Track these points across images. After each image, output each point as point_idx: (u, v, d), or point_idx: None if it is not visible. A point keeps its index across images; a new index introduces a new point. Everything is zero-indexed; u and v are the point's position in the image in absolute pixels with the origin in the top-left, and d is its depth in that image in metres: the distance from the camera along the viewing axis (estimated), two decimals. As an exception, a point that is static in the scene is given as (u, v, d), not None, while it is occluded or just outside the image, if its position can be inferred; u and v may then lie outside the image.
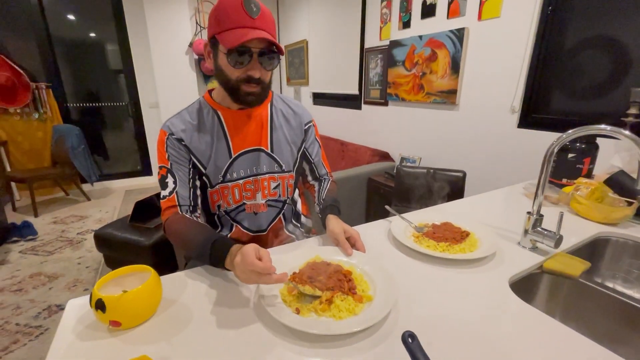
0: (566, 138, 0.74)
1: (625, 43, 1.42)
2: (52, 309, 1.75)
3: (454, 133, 2.21)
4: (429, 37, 2.21)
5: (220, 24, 0.74)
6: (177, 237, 0.78)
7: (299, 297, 0.61)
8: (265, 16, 0.75)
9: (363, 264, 0.72)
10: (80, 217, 3.04)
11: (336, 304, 0.58)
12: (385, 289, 0.62)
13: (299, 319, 0.55)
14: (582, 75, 1.58)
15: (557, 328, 0.56)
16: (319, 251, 0.77)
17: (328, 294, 0.59)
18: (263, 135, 0.88)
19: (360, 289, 0.63)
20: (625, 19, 1.41)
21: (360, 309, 0.58)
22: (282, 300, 0.60)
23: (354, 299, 0.59)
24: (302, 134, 0.96)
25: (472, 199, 1.25)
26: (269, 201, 0.91)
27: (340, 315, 0.56)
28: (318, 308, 0.57)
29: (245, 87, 0.78)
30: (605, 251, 0.93)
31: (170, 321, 0.57)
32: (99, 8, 3.61)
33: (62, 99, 3.59)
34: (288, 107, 0.96)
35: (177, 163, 0.83)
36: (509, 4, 1.75)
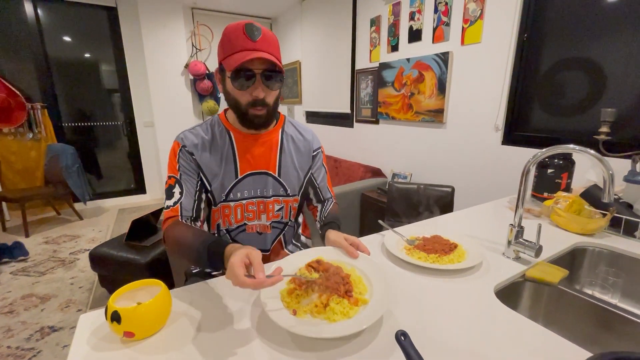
0: (540, 156, 0.82)
1: (596, 64, 1.54)
2: (44, 331, 1.73)
3: (442, 150, 2.31)
4: (416, 60, 2.33)
5: (224, 50, 0.79)
6: (175, 244, 0.77)
7: (297, 299, 0.64)
8: (267, 39, 0.78)
9: (364, 267, 0.74)
10: (72, 237, 3.01)
11: (331, 307, 0.60)
12: (380, 294, 0.64)
13: (294, 320, 0.58)
14: (559, 95, 1.70)
15: (540, 332, 0.61)
16: (322, 253, 0.80)
17: (324, 298, 0.62)
18: (272, 159, 0.91)
19: (358, 292, 0.65)
20: (593, 43, 1.54)
21: (355, 312, 0.60)
22: (281, 301, 0.63)
23: (350, 302, 0.62)
24: (310, 160, 0.98)
25: (460, 212, 1.31)
26: (273, 223, 0.94)
27: (334, 318, 0.58)
28: (314, 310, 0.61)
29: (252, 110, 0.81)
30: (583, 260, 1.00)
31: (180, 331, 0.60)
32: (97, 29, 3.70)
33: (57, 118, 3.61)
34: (299, 132, 0.98)
35: (186, 174, 0.85)
36: (489, 31, 1.89)
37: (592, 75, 1.56)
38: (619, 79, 1.47)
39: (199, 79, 3.92)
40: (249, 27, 0.76)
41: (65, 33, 3.59)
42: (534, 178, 1.37)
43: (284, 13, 4.24)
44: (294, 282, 0.67)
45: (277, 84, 0.82)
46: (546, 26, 1.69)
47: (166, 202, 0.84)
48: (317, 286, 0.65)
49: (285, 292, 0.66)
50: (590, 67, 1.57)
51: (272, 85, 0.81)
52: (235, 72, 0.77)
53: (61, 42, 3.58)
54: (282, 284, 0.69)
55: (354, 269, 0.74)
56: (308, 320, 0.60)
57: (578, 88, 1.62)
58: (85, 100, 3.84)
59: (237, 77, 0.78)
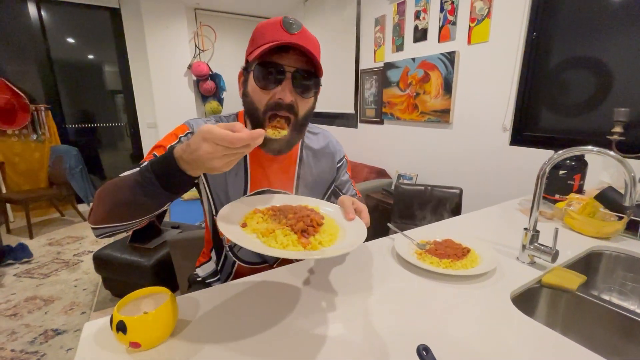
0: (557, 158, 0.79)
1: (606, 63, 1.51)
2: (48, 334, 1.72)
3: (448, 151, 2.28)
4: (422, 60, 2.31)
5: (254, 43, 0.65)
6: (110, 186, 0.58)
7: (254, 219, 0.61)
8: (307, 35, 0.64)
9: (350, 228, 0.65)
10: (76, 238, 3.01)
11: (275, 234, 0.56)
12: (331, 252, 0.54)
13: (235, 229, 0.56)
14: (569, 94, 1.67)
15: (558, 340, 0.59)
16: (322, 204, 0.72)
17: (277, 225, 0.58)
18: (289, 177, 0.81)
19: (318, 240, 0.57)
20: (603, 41, 1.51)
21: (293, 249, 0.54)
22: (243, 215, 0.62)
23: (298, 241, 0.55)
24: (335, 172, 0.89)
25: (470, 215, 1.28)
26: None
27: (270, 243, 0.54)
28: (261, 232, 0.57)
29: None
30: (599, 265, 0.97)
31: (187, 341, 0.58)
32: (100, 31, 3.71)
33: (61, 120, 3.62)
34: (321, 143, 0.87)
35: None
36: (497, 30, 1.86)
37: (603, 74, 1.53)
38: (630, 78, 1.44)
39: (202, 80, 3.92)
40: (287, 20, 0.63)
41: (69, 34, 3.59)
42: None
43: (287, 13, 4.23)
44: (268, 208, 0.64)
45: (311, 91, 0.66)
46: (556, 25, 1.65)
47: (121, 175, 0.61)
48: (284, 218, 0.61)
49: (251, 211, 0.63)
50: (601, 66, 1.53)
51: (304, 91, 0.65)
52: (260, 65, 0.63)
53: (65, 44, 3.59)
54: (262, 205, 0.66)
55: (338, 228, 0.65)
56: (248, 235, 0.56)
57: (588, 87, 1.59)
58: (89, 101, 3.84)
59: (261, 72, 0.63)
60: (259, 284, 0.78)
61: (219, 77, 4.02)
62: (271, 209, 0.64)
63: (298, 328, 0.59)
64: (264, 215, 0.63)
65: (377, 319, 0.63)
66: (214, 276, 0.93)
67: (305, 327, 0.61)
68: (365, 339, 0.58)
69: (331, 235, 0.61)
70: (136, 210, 0.56)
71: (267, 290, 0.75)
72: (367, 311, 0.66)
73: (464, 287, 0.76)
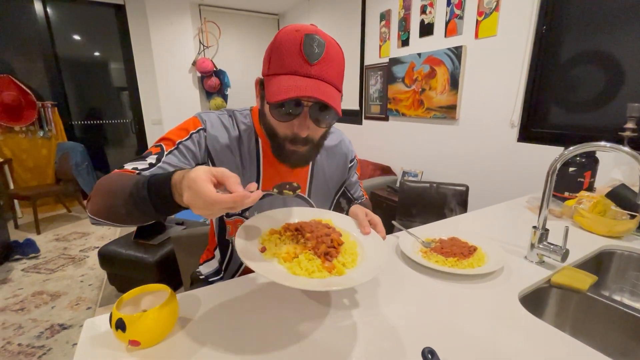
0: (568, 155, 0.77)
1: (618, 58, 1.47)
2: (54, 329, 1.73)
3: (455, 147, 2.25)
4: (428, 55, 2.27)
5: (271, 64, 0.61)
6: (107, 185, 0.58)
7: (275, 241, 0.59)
8: (330, 60, 0.60)
9: (368, 246, 0.63)
10: (82, 234, 3.04)
11: (299, 259, 0.55)
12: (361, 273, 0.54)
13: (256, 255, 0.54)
14: (579, 89, 1.63)
15: (568, 342, 0.57)
16: (335, 217, 0.71)
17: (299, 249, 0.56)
18: (302, 178, 0.80)
19: (341, 262, 0.57)
20: (615, 35, 1.47)
21: (320, 276, 0.53)
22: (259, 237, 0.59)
23: (323, 266, 0.54)
24: (346, 172, 0.89)
25: (476, 213, 1.26)
26: None
27: (294, 271, 0.53)
28: (282, 256, 0.55)
29: (290, 146, 0.65)
30: (610, 264, 0.94)
31: (187, 340, 0.57)
32: (105, 28, 3.72)
33: (67, 116, 3.64)
34: (334, 143, 0.87)
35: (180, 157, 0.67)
36: (505, 23, 1.82)
37: (615, 69, 1.49)
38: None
39: (206, 76, 3.91)
40: (309, 42, 0.57)
41: (75, 31, 3.61)
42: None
43: (291, 9, 4.19)
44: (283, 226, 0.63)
45: (328, 120, 0.65)
46: (566, 18, 1.61)
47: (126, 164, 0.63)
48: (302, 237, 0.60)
49: (267, 232, 0.62)
50: (612, 61, 1.49)
51: (322, 122, 0.64)
52: (278, 105, 0.61)
53: (70, 41, 3.60)
54: (276, 224, 0.64)
55: (355, 244, 0.64)
56: (269, 262, 0.54)
57: (600, 82, 1.55)
58: (94, 98, 3.86)
59: (277, 107, 0.61)
60: (260, 282, 0.77)
61: (223, 74, 4.02)
62: (287, 228, 0.62)
63: (299, 327, 0.57)
64: (281, 235, 0.61)
65: (380, 320, 0.62)
66: (217, 275, 0.93)
67: (307, 327, 0.60)
68: (368, 340, 0.57)
69: (352, 254, 0.60)
70: (128, 217, 0.56)
71: (269, 289, 0.74)
72: (370, 311, 0.64)
73: (470, 286, 0.74)
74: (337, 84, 0.62)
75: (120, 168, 0.63)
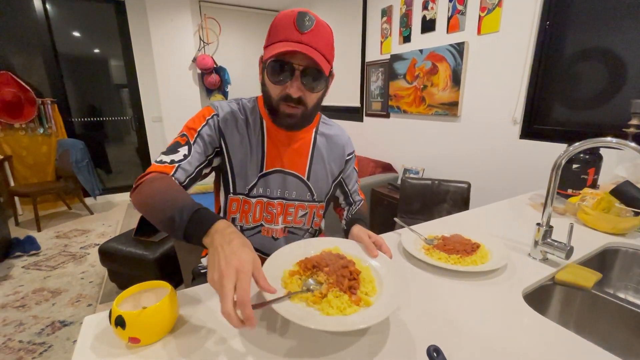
0: (573, 150, 0.76)
1: (622, 54, 1.46)
2: (55, 325, 1.73)
3: (456, 144, 2.23)
4: (430, 51, 2.25)
5: (269, 37, 0.71)
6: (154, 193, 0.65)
7: (298, 283, 0.60)
8: (319, 32, 0.68)
9: (381, 268, 0.66)
10: (83, 231, 3.03)
11: (328, 298, 0.55)
12: (388, 300, 0.56)
13: (286, 304, 0.53)
14: (582, 86, 1.61)
15: (573, 340, 0.56)
16: (340, 244, 0.74)
17: (324, 289, 0.57)
18: (302, 161, 0.84)
19: (364, 292, 0.59)
20: (620, 31, 1.45)
21: (353, 311, 0.54)
22: (281, 281, 0.60)
23: (351, 300, 0.56)
24: (343, 164, 0.92)
25: (479, 210, 1.25)
26: (292, 228, 0.87)
27: (328, 311, 0.53)
28: (310, 299, 0.56)
29: (284, 107, 0.72)
30: (614, 262, 0.93)
31: (187, 337, 0.57)
32: (105, 24, 3.69)
33: (67, 113, 3.63)
34: (334, 133, 0.92)
35: (203, 143, 0.76)
36: (508, 19, 1.80)
37: (619, 65, 1.47)
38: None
39: (206, 73, 3.89)
40: (301, 16, 0.66)
41: (74, 28, 3.59)
42: (557, 174, 1.30)
43: (292, 5, 4.17)
44: (299, 265, 0.63)
45: (319, 86, 0.72)
46: (571, 13, 1.59)
47: (162, 156, 0.73)
48: (323, 274, 0.60)
49: (287, 273, 0.62)
50: (617, 57, 1.47)
51: (312, 86, 0.71)
52: (272, 63, 0.69)
53: (70, 37, 3.58)
54: (288, 263, 0.65)
55: (369, 269, 0.67)
56: (300, 307, 0.55)
57: (604, 79, 1.53)
58: (94, 95, 3.85)
59: (272, 69, 0.70)
60: (262, 279, 0.76)
61: (223, 71, 4.00)
62: (306, 267, 0.63)
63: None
64: (301, 276, 0.62)
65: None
66: None
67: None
68: (372, 339, 0.56)
69: (370, 282, 0.62)
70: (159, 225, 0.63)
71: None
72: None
73: (474, 283, 0.73)
74: (325, 53, 0.69)
75: (159, 162, 0.72)
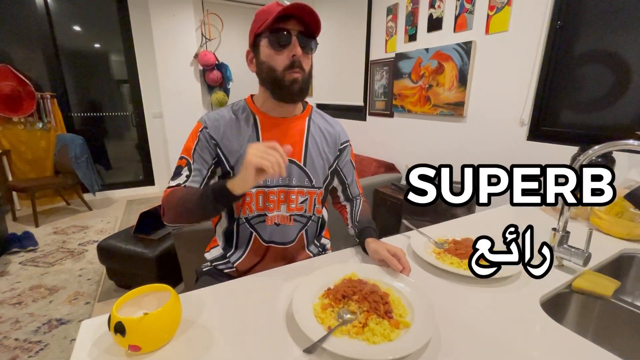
0: (593, 153, 0.73)
1: (633, 57, 1.43)
2: (52, 324, 1.70)
3: (461, 145, 2.20)
4: (436, 50, 2.22)
5: (257, 22, 0.78)
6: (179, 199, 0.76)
7: (332, 315, 0.59)
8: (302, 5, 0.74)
9: (402, 287, 0.67)
10: (81, 228, 3.00)
11: (370, 327, 0.55)
12: (424, 316, 0.58)
13: (332, 339, 0.52)
14: (592, 88, 1.58)
15: (591, 349, 0.54)
16: (356, 268, 0.74)
17: (362, 317, 0.56)
18: (297, 147, 0.87)
19: (398, 314, 0.59)
20: (631, 35, 1.42)
21: (396, 335, 0.54)
22: (315, 317, 0.58)
23: (390, 324, 0.56)
24: (337, 152, 0.94)
25: (487, 212, 1.22)
26: (295, 215, 0.88)
27: (374, 340, 0.53)
28: (352, 330, 0.55)
29: (289, 75, 0.77)
30: (630, 268, 0.91)
31: (190, 344, 0.54)
32: (106, 19, 3.65)
33: (67, 108, 3.59)
34: (326, 122, 0.95)
35: (201, 158, 0.82)
36: (517, 19, 1.77)
37: (632, 67, 1.44)
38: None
39: (208, 70, 3.85)
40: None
41: (75, 22, 3.54)
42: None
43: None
44: (328, 297, 0.62)
45: (312, 48, 0.80)
46: (582, 13, 1.56)
47: (170, 182, 0.82)
48: (354, 303, 0.60)
49: (319, 307, 0.60)
50: (629, 59, 1.44)
51: (307, 49, 0.79)
52: (272, 32, 0.76)
53: (71, 31, 3.54)
54: (315, 298, 0.63)
55: (391, 289, 0.67)
56: (346, 340, 0.53)
57: (613, 81, 1.50)
58: (94, 90, 3.80)
59: (273, 38, 0.76)
60: (267, 281, 0.73)
61: (225, 67, 3.95)
62: (333, 298, 0.61)
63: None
64: (333, 308, 0.60)
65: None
66: (222, 259, 0.91)
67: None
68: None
69: (399, 303, 0.63)
70: (197, 214, 0.74)
71: (276, 287, 0.70)
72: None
73: (489, 290, 0.70)
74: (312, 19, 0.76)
75: (168, 187, 0.81)
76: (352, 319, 0.57)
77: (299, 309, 0.58)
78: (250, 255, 0.88)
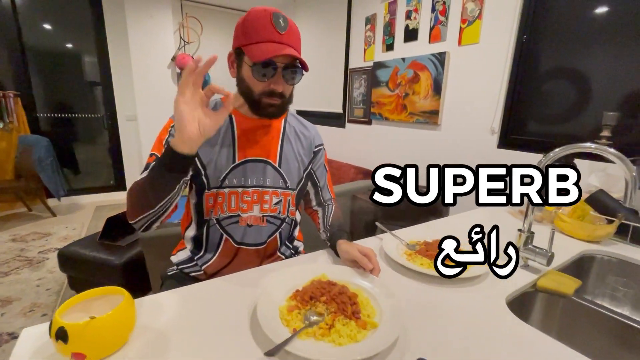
0: (554, 156, 0.76)
1: (592, 71, 1.52)
2: (3, 338, 1.56)
3: (436, 152, 2.26)
4: (412, 60, 2.28)
5: (247, 36, 0.74)
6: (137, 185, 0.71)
7: (299, 317, 0.57)
8: (293, 32, 0.75)
9: (372, 288, 0.67)
10: (43, 235, 2.81)
11: (337, 328, 0.53)
12: (391, 317, 0.57)
13: (297, 342, 0.50)
14: (555, 99, 1.67)
15: (554, 346, 0.55)
16: (326, 269, 0.72)
17: (329, 319, 0.55)
18: (272, 148, 0.86)
19: (366, 314, 0.58)
20: (591, 50, 1.52)
21: (363, 336, 0.53)
22: (280, 319, 0.56)
23: (357, 325, 0.55)
24: (311, 154, 0.94)
25: (459, 216, 1.25)
26: (268, 217, 0.86)
27: (340, 342, 0.52)
28: (318, 332, 0.53)
29: (266, 99, 0.77)
30: (591, 269, 0.94)
31: (144, 351, 0.50)
32: (79, 18, 3.51)
33: (32, 108, 3.40)
34: (302, 125, 0.95)
35: None
36: (487, 32, 1.85)
37: (590, 80, 1.54)
38: (616, 86, 1.45)
39: (186, 73, 3.77)
40: (277, 17, 0.73)
41: (44, 19, 3.38)
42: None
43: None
44: (295, 299, 0.60)
45: (296, 79, 0.80)
46: (546, 29, 1.65)
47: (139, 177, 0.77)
48: (322, 304, 0.58)
49: (285, 309, 0.58)
50: (588, 73, 1.54)
51: (291, 80, 0.78)
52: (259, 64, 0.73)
53: (39, 29, 3.38)
54: (282, 300, 0.61)
55: (361, 290, 0.66)
56: (311, 342, 0.52)
57: (576, 93, 1.59)
58: (64, 90, 3.63)
59: (259, 69, 0.74)
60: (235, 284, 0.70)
61: (204, 71, 3.89)
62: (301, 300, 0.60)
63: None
64: (300, 310, 0.58)
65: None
66: (190, 262, 0.87)
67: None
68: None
69: (367, 304, 0.62)
70: (154, 194, 0.67)
71: (240, 291, 0.67)
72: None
73: (457, 290, 0.70)
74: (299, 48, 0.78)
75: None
76: (318, 320, 0.55)
77: (264, 311, 0.56)
78: (219, 257, 0.85)
